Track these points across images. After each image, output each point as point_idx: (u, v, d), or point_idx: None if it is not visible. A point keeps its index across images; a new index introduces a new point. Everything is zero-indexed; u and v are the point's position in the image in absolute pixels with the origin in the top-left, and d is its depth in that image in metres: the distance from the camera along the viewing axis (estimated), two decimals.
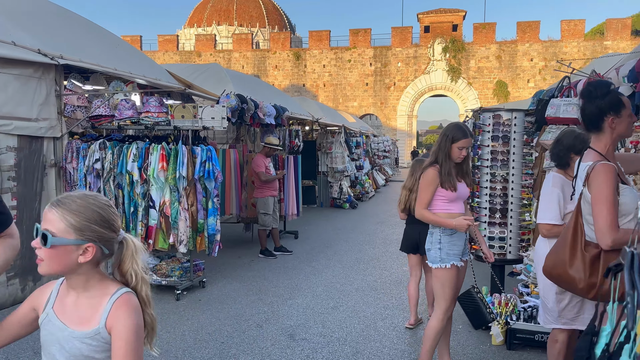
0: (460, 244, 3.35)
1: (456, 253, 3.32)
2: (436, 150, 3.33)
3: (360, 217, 11.92)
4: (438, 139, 3.38)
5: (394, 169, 26.05)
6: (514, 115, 4.69)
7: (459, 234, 3.32)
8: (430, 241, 3.39)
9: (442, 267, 3.30)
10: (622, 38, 34.64)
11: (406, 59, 38.36)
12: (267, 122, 7.67)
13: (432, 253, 3.37)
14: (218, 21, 60.89)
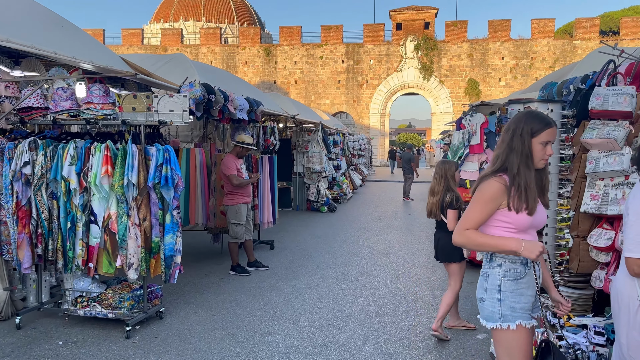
0: (531, 293, 2.29)
1: (524, 307, 2.27)
2: (503, 152, 2.27)
3: (340, 223, 10.85)
4: (503, 136, 2.32)
5: (369, 169, 25.14)
6: (549, 107, 3.69)
7: (529, 277, 2.28)
8: (483, 287, 2.33)
9: (505, 328, 2.25)
10: (590, 37, 34.69)
11: (378, 56, 37.54)
12: (238, 117, 6.51)
13: (488, 306, 2.30)
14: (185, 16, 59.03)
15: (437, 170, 4.86)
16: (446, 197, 4.69)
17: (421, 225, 10.59)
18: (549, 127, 2.23)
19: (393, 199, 15.36)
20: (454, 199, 4.63)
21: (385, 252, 7.94)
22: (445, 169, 4.79)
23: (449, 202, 4.63)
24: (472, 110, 6.98)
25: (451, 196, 4.65)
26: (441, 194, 4.72)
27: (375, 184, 21.04)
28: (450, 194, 4.68)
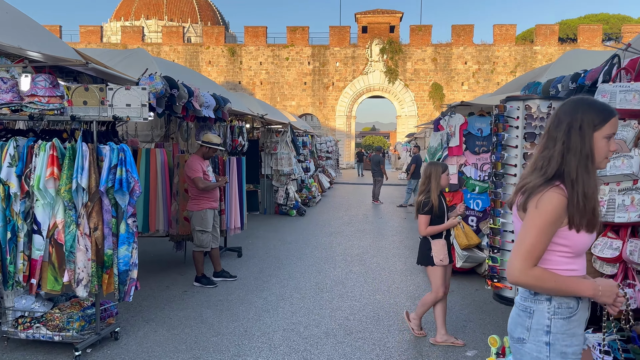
0: (582, 332, 1.87)
1: (576, 351, 1.84)
2: (559, 153, 1.81)
3: (311, 227, 10.40)
4: (551, 132, 1.83)
5: (337, 171, 24.80)
6: (553, 104, 3.36)
7: (582, 312, 1.86)
8: (525, 325, 1.88)
9: None
10: (550, 44, 35.55)
11: (344, 59, 37.35)
12: (204, 114, 5.96)
13: (532, 350, 1.84)
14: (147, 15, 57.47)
15: (424, 170, 4.57)
16: (418, 198, 4.45)
17: (393, 229, 10.27)
18: (613, 115, 1.82)
19: (362, 202, 15.03)
20: (422, 203, 4.37)
21: (360, 259, 7.54)
22: (430, 170, 4.49)
23: (419, 205, 4.40)
24: (450, 110, 6.67)
25: (423, 199, 4.37)
26: (423, 195, 4.45)
27: (343, 187, 20.71)
28: (424, 195, 4.38)
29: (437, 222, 4.41)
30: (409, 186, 13.94)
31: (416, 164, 13.89)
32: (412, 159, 14.07)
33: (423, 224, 4.38)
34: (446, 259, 4.42)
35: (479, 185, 6.53)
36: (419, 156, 14.17)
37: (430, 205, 4.35)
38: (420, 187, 4.54)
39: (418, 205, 4.43)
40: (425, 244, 4.49)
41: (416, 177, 13.92)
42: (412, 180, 13.85)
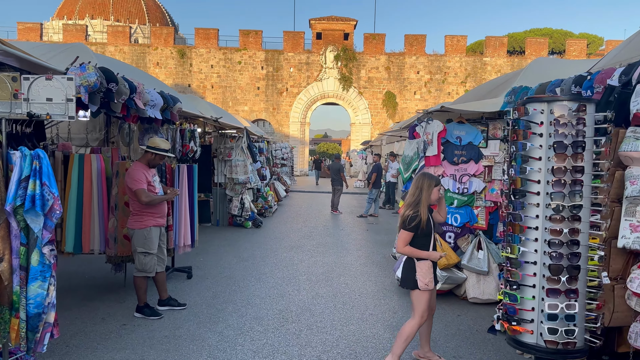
0: None
1: None
2: None
3: (269, 241, 9.55)
4: None
5: (291, 178, 24.01)
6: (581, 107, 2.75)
7: None
8: None
9: None
10: (499, 55, 36.38)
11: (299, 64, 36.70)
12: (149, 115, 5.05)
13: None
14: (92, 14, 54.99)
15: (414, 181, 3.95)
16: (404, 213, 3.87)
17: (357, 243, 9.59)
18: None
19: (321, 212, 14.30)
20: (405, 219, 3.81)
21: (326, 279, 6.78)
22: (422, 182, 3.91)
23: (404, 219, 3.83)
24: (427, 117, 6.07)
25: (411, 213, 3.80)
26: (410, 208, 3.85)
27: (299, 195, 19.93)
28: (412, 209, 3.82)
29: (422, 241, 3.83)
30: (370, 196, 13.36)
31: (377, 173, 13.35)
32: (373, 168, 13.51)
33: (402, 241, 3.81)
34: (432, 283, 3.85)
35: (457, 199, 5.95)
36: (379, 165, 13.64)
37: (417, 221, 3.76)
38: (409, 198, 3.95)
39: (404, 219, 3.83)
40: (409, 265, 3.87)
41: (377, 186, 13.36)
42: (373, 190, 13.28)
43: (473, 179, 5.94)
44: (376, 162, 13.82)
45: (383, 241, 9.72)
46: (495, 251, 5.82)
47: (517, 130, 2.81)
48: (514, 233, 2.80)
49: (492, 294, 5.64)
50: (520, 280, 2.77)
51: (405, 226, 3.78)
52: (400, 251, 3.85)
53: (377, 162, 13.71)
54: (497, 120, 6.00)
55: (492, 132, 5.99)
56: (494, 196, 5.92)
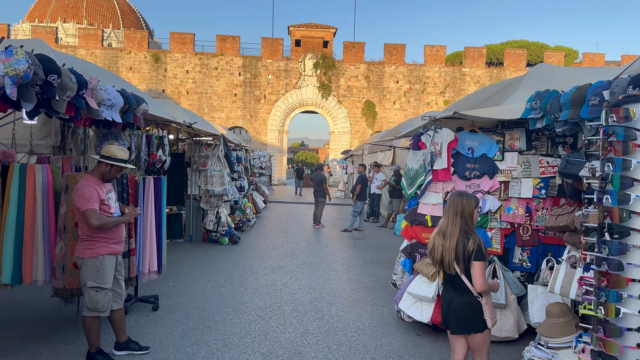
0: None
1: None
2: None
3: (247, 260, 8.57)
4: None
5: (270, 188, 23.01)
6: None
7: None
8: None
9: None
10: (478, 66, 36.23)
11: (277, 71, 35.81)
12: (105, 117, 4.08)
13: None
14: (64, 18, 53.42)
15: (450, 204, 3.22)
16: (467, 242, 3.20)
17: (345, 262, 8.71)
18: None
19: (302, 225, 13.38)
20: (479, 247, 3.16)
21: (315, 309, 5.87)
22: (462, 204, 3.16)
23: (473, 250, 3.17)
24: (435, 124, 5.25)
25: (475, 242, 3.17)
26: (457, 237, 3.07)
27: (278, 206, 18.95)
28: (471, 238, 3.18)
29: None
30: (355, 209, 12.52)
31: (362, 185, 12.52)
32: (358, 179, 12.68)
33: (481, 276, 3.15)
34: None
35: None
36: (364, 176, 12.81)
37: (484, 249, 3.20)
38: (450, 226, 3.26)
39: (469, 251, 3.18)
40: (473, 306, 3.20)
41: (362, 198, 12.54)
42: (357, 203, 12.44)
43: (487, 197, 5.14)
44: (361, 172, 13.00)
45: (372, 260, 8.86)
46: (513, 280, 5.02)
47: (613, 143, 1.98)
48: (609, 287, 1.96)
49: (510, 331, 4.83)
50: (619, 356, 1.93)
51: (481, 256, 3.15)
52: (483, 288, 3.15)
53: (362, 173, 12.89)
54: (514, 129, 5.23)
55: (509, 142, 5.22)
56: (510, 216, 5.14)
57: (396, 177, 13.19)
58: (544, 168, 5.15)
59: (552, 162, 5.14)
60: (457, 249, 3.19)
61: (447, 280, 3.37)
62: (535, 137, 5.21)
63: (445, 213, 3.29)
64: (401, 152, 14.51)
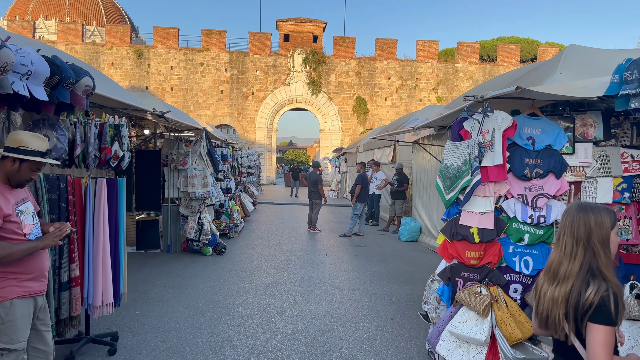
0: None
1: None
2: None
3: (234, 276, 7.18)
4: None
5: (259, 189, 21.57)
6: None
7: None
8: None
9: None
10: (471, 61, 35.12)
11: (265, 67, 34.34)
12: (16, 91, 2.69)
13: None
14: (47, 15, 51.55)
15: (567, 225, 1.79)
16: (586, 292, 1.69)
17: (349, 277, 7.36)
18: None
19: (296, 230, 12.01)
20: (607, 301, 1.61)
21: (323, 349, 4.52)
22: (588, 225, 1.77)
23: (595, 306, 1.67)
24: (483, 106, 3.92)
25: (600, 291, 1.60)
26: (574, 281, 1.63)
27: (268, 208, 17.54)
28: (597, 284, 1.63)
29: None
30: (354, 211, 11.18)
31: (362, 185, 11.19)
32: (357, 179, 11.34)
33: (603, 349, 1.75)
34: None
35: (528, 232, 3.83)
36: (364, 175, 11.48)
37: (616, 306, 1.66)
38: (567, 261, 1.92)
39: (586, 305, 1.78)
40: None
41: (362, 200, 11.21)
42: (357, 205, 11.11)
43: (553, 202, 3.83)
44: (360, 172, 11.67)
45: (381, 274, 7.53)
46: None
47: None
48: None
49: None
50: None
51: (606, 317, 1.74)
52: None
53: (361, 172, 11.56)
54: (587, 112, 3.93)
55: (581, 130, 3.91)
56: None
57: (399, 176, 11.89)
58: (627, 164, 3.87)
59: (637, 157, 3.86)
60: (568, 300, 1.84)
61: (555, 349, 2.04)
62: (615, 123, 3.91)
63: (559, 240, 1.94)
64: (403, 149, 13.22)
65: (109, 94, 4.49)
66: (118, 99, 4.83)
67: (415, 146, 11.36)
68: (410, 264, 8.31)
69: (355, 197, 11.11)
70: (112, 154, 4.18)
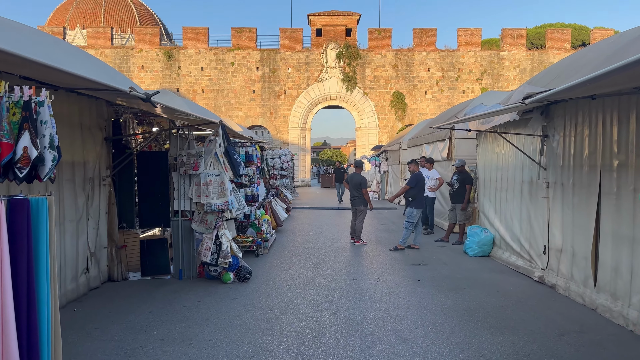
0: None
1: None
2: None
3: (259, 318, 5.21)
4: None
5: (293, 192, 19.70)
6: None
7: None
8: None
9: None
10: (517, 49, 32.22)
11: (297, 64, 32.51)
12: None
13: None
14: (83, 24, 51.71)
15: None
16: None
17: (417, 316, 5.28)
18: None
19: (337, 242, 9.99)
20: None
21: None
22: None
23: None
24: None
25: None
26: None
27: (303, 214, 15.60)
28: None
29: None
30: (410, 219, 9.04)
31: (417, 187, 9.06)
32: (411, 180, 9.21)
33: None
34: None
35: None
36: (420, 176, 9.33)
37: None
38: None
39: None
40: None
41: (419, 205, 9.09)
42: (414, 211, 8.99)
43: None
44: (414, 171, 9.52)
45: (458, 311, 5.42)
46: None
47: None
48: None
49: None
50: None
51: None
52: None
53: (415, 172, 9.42)
54: None
55: None
56: None
57: (460, 176, 9.70)
58: None
59: None
60: None
61: None
62: None
63: None
64: (461, 142, 11.01)
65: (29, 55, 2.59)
66: (57, 67, 2.93)
67: (483, 139, 9.13)
68: (493, 293, 6.16)
69: (396, 195, 9.02)
70: (16, 154, 2.28)
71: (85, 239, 5.98)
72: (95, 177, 6.26)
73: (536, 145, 7.13)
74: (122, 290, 6.21)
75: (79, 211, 5.85)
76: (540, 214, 6.94)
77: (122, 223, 6.79)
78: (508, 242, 7.94)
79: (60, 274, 5.40)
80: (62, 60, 3.50)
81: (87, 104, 6.08)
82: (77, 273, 5.80)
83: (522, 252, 7.46)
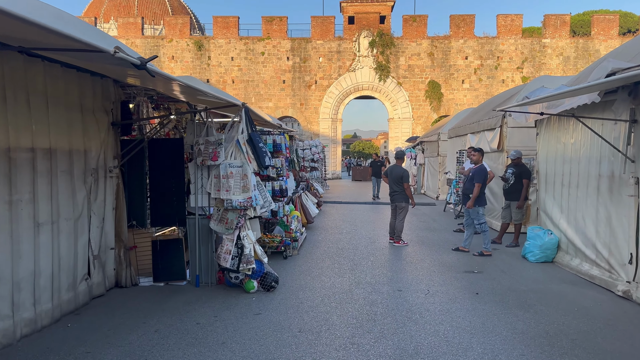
0: None
1: None
2: None
3: (287, 344, 4.20)
4: None
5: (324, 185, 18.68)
6: None
7: None
8: None
9: None
10: (560, 36, 30.14)
11: (329, 53, 31.35)
12: None
13: None
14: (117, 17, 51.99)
15: None
16: None
17: (486, 353, 4.17)
18: None
19: (374, 243, 8.91)
20: None
21: None
22: None
23: None
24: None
25: None
26: None
27: (335, 209, 14.56)
28: None
29: None
30: (478, 220, 7.73)
31: (480, 176, 7.80)
32: (476, 174, 7.96)
33: None
34: None
35: None
36: (484, 169, 8.07)
37: None
38: None
39: None
40: None
41: (482, 202, 7.89)
42: (479, 209, 7.77)
43: None
44: (479, 162, 8.16)
45: (535, 338, 4.28)
46: None
47: None
48: None
49: None
50: None
51: None
52: None
53: (480, 164, 8.10)
54: None
55: None
56: None
57: (516, 169, 8.46)
58: None
59: None
60: None
61: None
62: None
63: None
64: (514, 131, 9.72)
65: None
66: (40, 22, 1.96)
67: (545, 127, 7.85)
68: (571, 311, 4.98)
69: (474, 198, 7.78)
70: None
71: (86, 239, 5.10)
72: (100, 167, 5.37)
73: (620, 133, 5.86)
74: (129, 300, 5.31)
75: (78, 208, 4.96)
76: (625, 215, 5.69)
77: (131, 221, 5.90)
78: (578, 247, 6.69)
79: (53, 283, 4.52)
80: (27, 10, 2.55)
81: (89, 82, 5.18)
82: (76, 280, 4.93)
83: (599, 260, 6.21)
